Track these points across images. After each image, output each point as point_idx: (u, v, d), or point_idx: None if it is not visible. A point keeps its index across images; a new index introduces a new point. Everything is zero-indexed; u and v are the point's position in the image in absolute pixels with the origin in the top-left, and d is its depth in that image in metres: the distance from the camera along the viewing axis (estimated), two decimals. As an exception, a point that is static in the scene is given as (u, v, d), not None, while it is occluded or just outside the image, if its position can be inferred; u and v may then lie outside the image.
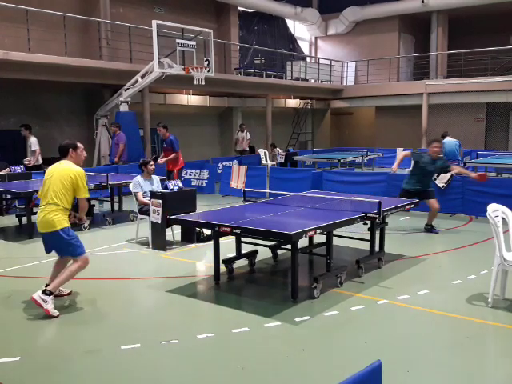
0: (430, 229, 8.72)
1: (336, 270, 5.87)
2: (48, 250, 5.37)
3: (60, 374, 3.96)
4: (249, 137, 18.36)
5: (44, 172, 5.68)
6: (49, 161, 15.32)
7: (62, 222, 5.09)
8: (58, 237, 5.11)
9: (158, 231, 7.61)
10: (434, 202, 8.59)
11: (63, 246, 5.19)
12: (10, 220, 9.94)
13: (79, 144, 5.42)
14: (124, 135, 13.01)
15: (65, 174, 5.14)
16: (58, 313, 4.98)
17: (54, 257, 7.21)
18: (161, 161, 11.08)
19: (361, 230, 7.41)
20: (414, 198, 7.83)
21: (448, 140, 11.92)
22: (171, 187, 7.69)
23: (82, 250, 5.21)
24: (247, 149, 18.49)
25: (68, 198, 5.14)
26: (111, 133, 14.34)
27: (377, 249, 6.69)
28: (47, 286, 5.18)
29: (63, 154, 5.34)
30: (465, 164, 12.97)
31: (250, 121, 22.97)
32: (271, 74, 21.14)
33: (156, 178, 8.44)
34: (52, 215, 5.07)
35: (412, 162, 9.13)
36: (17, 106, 15.54)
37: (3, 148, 12.15)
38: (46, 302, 4.97)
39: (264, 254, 6.92)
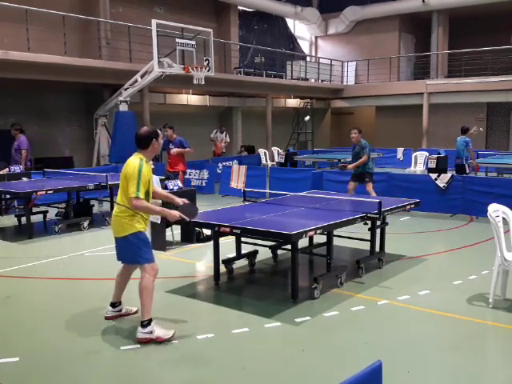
0: None
1: (336, 270, 5.86)
2: (118, 258, 4.73)
3: (60, 374, 3.96)
4: (228, 139, 17.56)
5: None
6: (48, 161, 15.35)
7: (131, 226, 4.47)
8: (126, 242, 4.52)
9: (157, 231, 7.60)
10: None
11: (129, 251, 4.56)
12: (10, 220, 9.93)
13: (159, 131, 4.70)
14: (25, 139, 11.83)
15: (126, 171, 4.46)
16: (173, 331, 4.47)
17: (52, 257, 7.22)
18: (175, 151, 10.50)
19: (361, 229, 7.40)
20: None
21: (459, 138, 11.88)
22: (171, 187, 7.69)
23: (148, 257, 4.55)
24: (223, 151, 17.53)
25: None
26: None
27: (377, 249, 6.68)
28: (114, 304, 4.91)
29: (144, 145, 4.56)
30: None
31: (250, 121, 22.97)
32: (271, 74, 21.13)
33: (156, 178, 8.42)
34: (121, 218, 4.49)
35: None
36: (16, 105, 15.53)
37: (2, 148, 12.11)
38: (151, 332, 4.40)
39: (264, 254, 6.91)
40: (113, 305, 4.99)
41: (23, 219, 9.26)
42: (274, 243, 6.60)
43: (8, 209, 10.62)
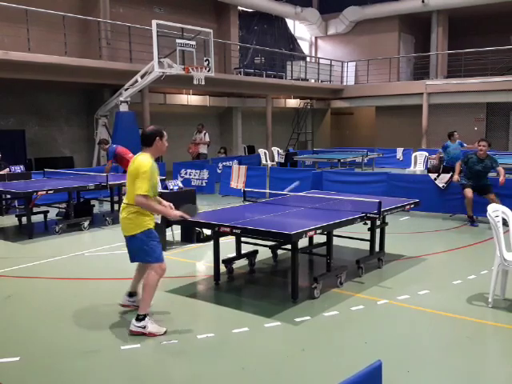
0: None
1: (336, 270, 5.86)
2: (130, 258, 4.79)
3: (60, 374, 3.96)
4: (208, 138, 15.99)
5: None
6: (48, 161, 15.36)
7: (139, 225, 4.56)
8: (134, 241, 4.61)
9: (157, 231, 7.57)
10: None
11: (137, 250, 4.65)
12: (10, 220, 9.94)
13: (164, 131, 4.74)
14: None
15: (133, 167, 4.52)
16: (164, 328, 4.57)
17: (53, 257, 7.23)
18: None
19: (361, 229, 7.40)
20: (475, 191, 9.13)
21: (449, 142, 12.07)
22: (171, 187, 7.69)
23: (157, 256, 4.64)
24: (204, 151, 16.07)
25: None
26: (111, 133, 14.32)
27: (377, 249, 6.69)
28: (131, 294, 5.04)
29: (148, 142, 4.62)
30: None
31: (250, 121, 22.98)
32: (271, 74, 21.13)
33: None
34: (132, 217, 4.57)
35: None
36: (16, 105, 15.54)
37: (2, 148, 12.12)
38: (144, 327, 4.51)
39: (264, 254, 6.91)
40: (130, 294, 5.13)
41: (24, 219, 9.27)
42: (273, 243, 6.60)
43: (9, 209, 10.62)
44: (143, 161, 4.52)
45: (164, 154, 5.18)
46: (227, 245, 6.63)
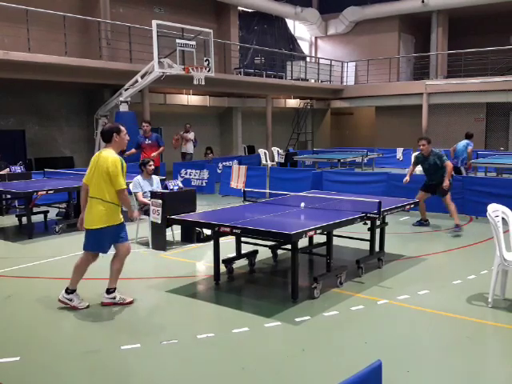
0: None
1: (336, 270, 5.87)
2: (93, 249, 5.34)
3: (60, 373, 3.96)
4: (192, 137, 15.63)
5: None
6: (48, 161, 15.36)
7: (103, 219, 5.00)
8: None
9: (157, 231, 7.61)
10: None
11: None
12: (10, 220, 9.94)
13: (122, 127, 5.19)
14: None
15: (103, 164, 4.95)
16: (85, 304, 5.20)
17: (53, 257, 7.23)
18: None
19: (361, 229, 7.40)
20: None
21: (461, 141, 12.09)
22: (171, 187, 7.69)
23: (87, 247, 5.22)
24: (191, 151, 15.76)
25: (111, 191, 4.99)
26: None
27: (377, 249, 6.69)
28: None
29: (106, 139, 5.11)
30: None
31: (250, 121, 22.98)
32: (271, 74, 21.14)
33: (156, 178, 8.44)
34: (94, 211, 5.00)
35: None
36: (17, 106, 15.54)
37: (2, 148, 12.14)
38: (71, 300, 5.17)
39: (264, 254, 6.91)
40: (107, 291, 5.38)
41: (24, 219, 9.27)
42: (273, 243, 6.60)
43: (9, 209, 10.63)
44: (113, 156, 4.98)
45: (124, 148, 5.50)
46: (227, 245, 6.63)
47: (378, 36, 24.93)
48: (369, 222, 6.37)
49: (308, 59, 25.51)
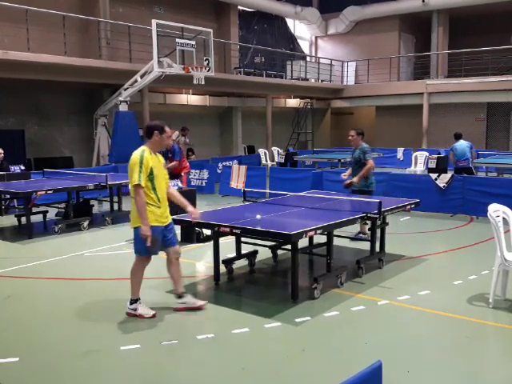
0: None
1: (336, 270, 5.86)
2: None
3: (60, 373, 3.95)
4: (187, 140, 15.05)
5: None
6: (48, 161, 15.34)
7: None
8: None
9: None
10: None
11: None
12: (10, 220, 9.93)
13: (167, 128, 4.98)
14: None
15: (130, 161, 4.78)
16: (152, 312, 4.96)
17: (52, 257, 7.22)
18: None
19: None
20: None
21: (460, 142, 11.89)
22: (171, 187, 7.67)
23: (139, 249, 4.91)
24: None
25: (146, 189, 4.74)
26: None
27: (377, 249, 6.68)
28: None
29: (147, 134, 4.92)
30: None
31: (250, 121, 22.97)
32: (271, 74, 21.13)
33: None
34: (134, 210, 4.80)
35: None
36: (17, 105, 15.53)
37: (2, 148, 12.11)
38: (135, 309, 4.93)
39: (264, 254, 6.91)
40: (178, 296, 5.19)
41: (23, 219, 9.26)
42: (273, 243, 6.59)
43: (8, 209, 10.62)
44: (134, 154, 4.80)
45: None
46: (227, 245, 6.62)
47: (378, 36, 24.92)
48: (369, 222, 6.36)
49: (308, 59, 25.49)
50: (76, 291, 5.81)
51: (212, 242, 6.09)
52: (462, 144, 11.76)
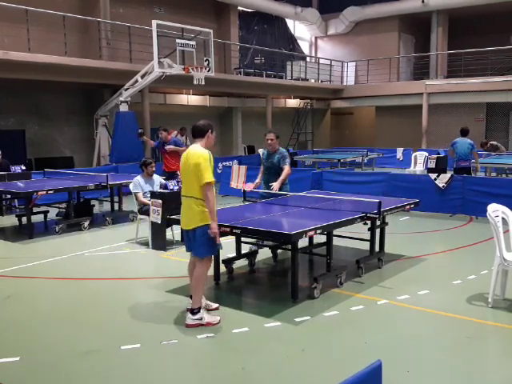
0: None
1: (336, 270, 5.86)
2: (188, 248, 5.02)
3: (60, 373, 3.96)
4: (187, 140, 15.55)
5: None
6: (48, 161, 15.34)
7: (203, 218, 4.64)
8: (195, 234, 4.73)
9: (157, 231, 7.61)
10: None
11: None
12: (10, 220, 9.94)
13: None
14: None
15: (193, 159, 4.66)
16: (218, 318, 4.81)
17: (53, 257, 7.23)
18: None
19: (361, 229, 7.38)
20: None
21: (463, 140, 11.49)
22: (171, 187, 7.69)
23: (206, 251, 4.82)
24: None
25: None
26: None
27: (377, 249, 6.69)
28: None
29: (201, 134, 4.85)
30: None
31: (250, 121, 22.97)
32: (271, 74, 21.13)
33: (156, 178, 8.43)
34: (192, 210, 4.67)
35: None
36: (17, 106, 15.53)
37: (2, 148, 12.12)
38: (201, 319, 4.72)
39: (264, 254, 6.91)
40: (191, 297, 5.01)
41: (24, 219, 9.26)
42: (272, 243, 6.60)
43: (9, 209, 10.62)
44: (199, 151, 4.70)
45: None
46: (227, 245, 6.62)
47: (378, 36, 24.93)
48: (369, 222, 6.36)
49: (308, 59, 25.50)
50: (76, 291, 5.82)
51: (212, 242, 6.09)
52: (465, 142, 11.50)
